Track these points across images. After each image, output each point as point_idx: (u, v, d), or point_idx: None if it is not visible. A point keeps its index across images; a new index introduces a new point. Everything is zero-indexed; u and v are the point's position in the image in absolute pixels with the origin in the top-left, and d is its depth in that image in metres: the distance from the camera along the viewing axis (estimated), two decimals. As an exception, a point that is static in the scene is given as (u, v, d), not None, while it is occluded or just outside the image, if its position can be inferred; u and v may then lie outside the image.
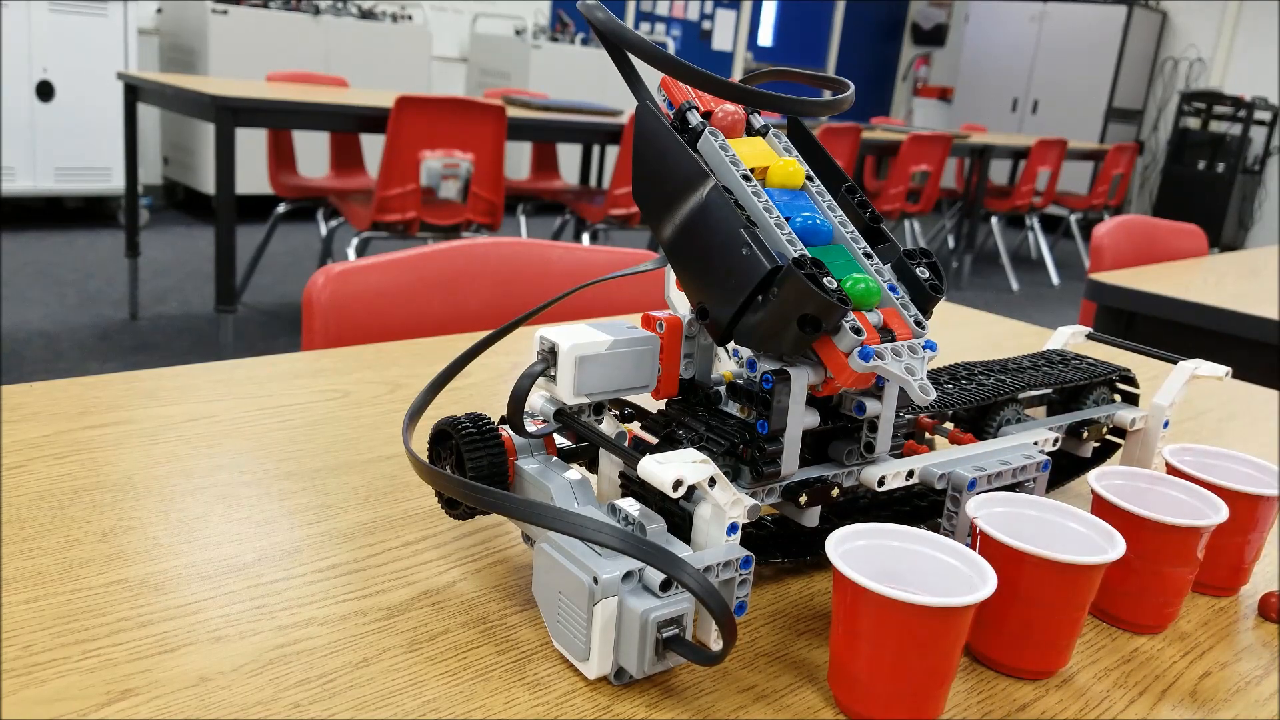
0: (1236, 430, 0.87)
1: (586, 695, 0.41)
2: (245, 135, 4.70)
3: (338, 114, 2.77)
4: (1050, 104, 7.93)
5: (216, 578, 0.47)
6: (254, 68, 4.71)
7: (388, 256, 0.98)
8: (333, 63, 4.98)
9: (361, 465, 0.61)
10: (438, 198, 2.85)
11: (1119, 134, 7.80)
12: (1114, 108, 7.67)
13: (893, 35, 9.44)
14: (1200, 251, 2.04)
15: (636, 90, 0.48)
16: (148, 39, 4.97)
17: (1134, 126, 8.00)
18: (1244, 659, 0.50)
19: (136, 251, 3.15)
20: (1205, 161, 7.38)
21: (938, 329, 1.12)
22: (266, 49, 4.75)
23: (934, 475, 0.51)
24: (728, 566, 0.44)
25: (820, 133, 4.21)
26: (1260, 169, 7.44)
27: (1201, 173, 7.40)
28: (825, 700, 0.43)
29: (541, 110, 3.39)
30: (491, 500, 0.41)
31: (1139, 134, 8.06)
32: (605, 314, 1.13)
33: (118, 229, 4.43)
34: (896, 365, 0.44)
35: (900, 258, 0.50)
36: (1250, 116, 7.18)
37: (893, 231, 6.16)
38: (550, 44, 5.79)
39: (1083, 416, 0.61)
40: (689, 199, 0.47)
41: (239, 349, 3.02)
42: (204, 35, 4.58)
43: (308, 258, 4.32)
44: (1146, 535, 0.49)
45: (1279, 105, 7.32)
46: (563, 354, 0.47)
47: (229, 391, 0.71)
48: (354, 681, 0.41)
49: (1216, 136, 7.32)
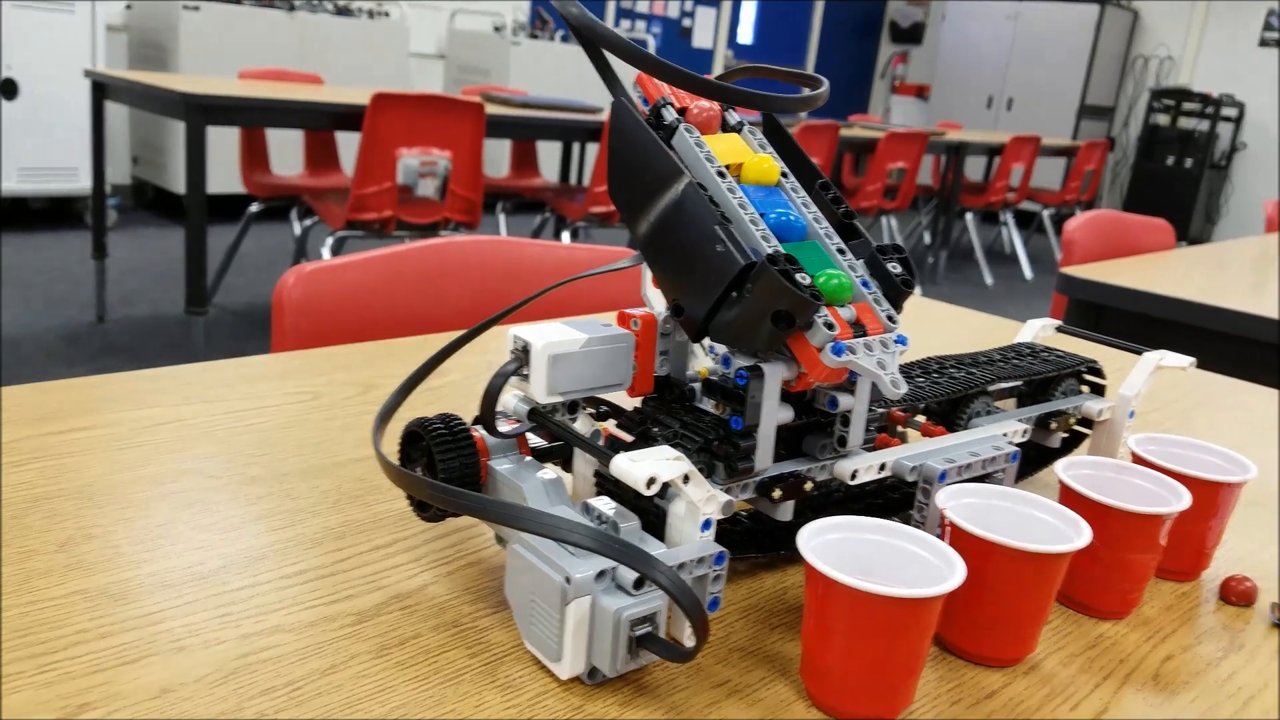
0: (1201, 419, 0.88)
1: (559, 696, 0.41)
2: (217, 133, 4.66)
3: (312, 111, 2.75)
4: (1024, 101, 7.99)
5: (180, 586, 0.46)
6: (226, 65, 4.66)
7: (361, 255, 0.98)
8: (307, 60, 4.94)
9: (331, 468, 0.60)
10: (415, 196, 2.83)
11: (1091, 130, 7.87)
12: (1086, 105, 7.74)
13: (871, 33, 9.49)
14: (1168, 245, 2.06)
15: (612, 86, 0.48)
16: (116, 36, 4.91)
17: (1105, 123, 8.08)
18: (1205, 642, 0.51)
19: (104, 253, 3.11)
20: (1174, 157, 7.47)
21: (913, 324, 1.12)
22: (239, 46, 4.70)
23: (905, 468, 0.51)
24: (701, 563, 0.44)
25: (799, 130, 4.23)
26: (1227, 164, 7.54)
27: (1170, 168, 7.48)
28: (798, 694, 0.43)
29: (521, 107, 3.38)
30: (462, 502, 0.41)
31: (1110, 130, 8.14)
32: (584, 312, 1.13)
33: (84, 230, 4.38)
34: (868, 360, 0.45)
35: (873, 253, 0.50)
36: (1217, 113, 7.27)
37: (870, 228, 6.19)
38: (530, 41, 5.77)
39: (1051, 408, 0.62)
40: (664, 195, 0.46)
41: (210, 351, 2.99)
42: (174, 32, 4.53)
43: (281, 258, 4.29)
44: (1111, 523, 0.50)
45: (1244, 102, 7.41)
46: (536, 353, 0.47)
47: (196, 395, 0.70)
48: (321, 689, 0.40)
49: (1185, 133, 7.41)
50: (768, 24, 8.50)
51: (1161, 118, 7.55)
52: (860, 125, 5.22)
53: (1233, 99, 7.34)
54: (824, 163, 4.37)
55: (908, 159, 4.74)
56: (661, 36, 7.73)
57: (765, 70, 0.52)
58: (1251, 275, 1.65)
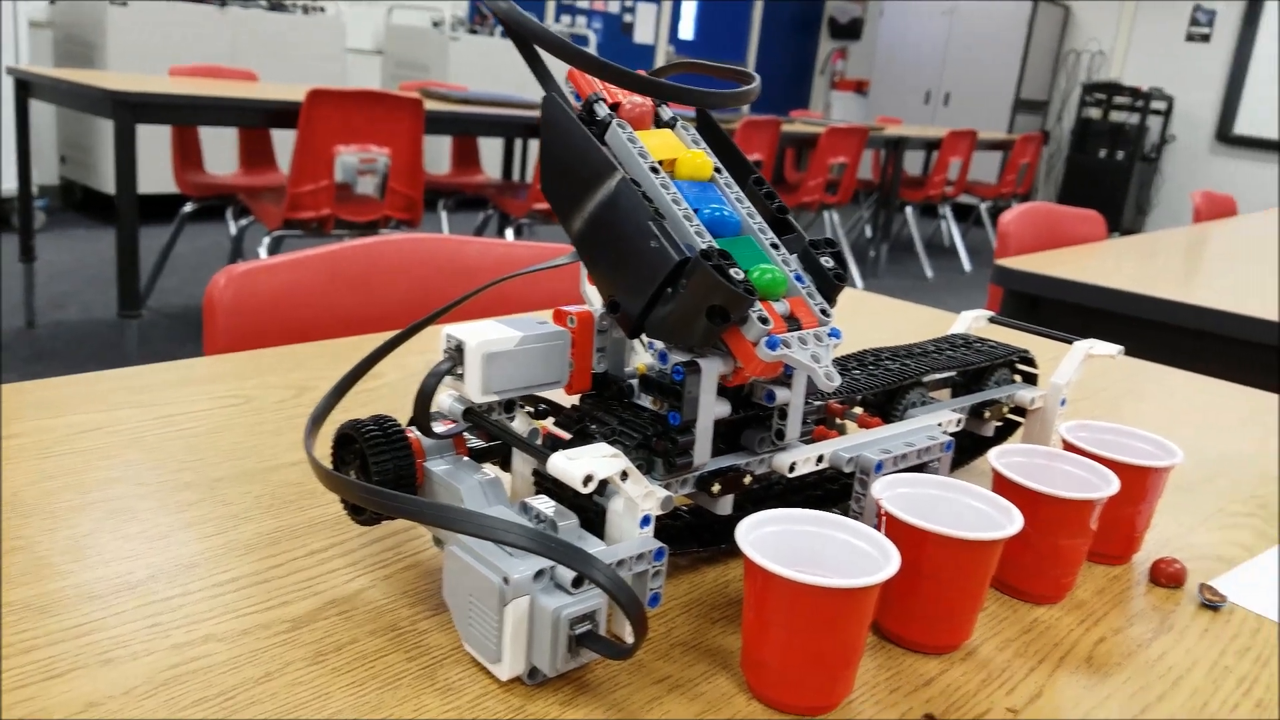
0: (1130, 405, 0.90)
1: (499, 697, 0.41)
2: (148, 132, 4.54)
3: (245, 109, 2.69)
4: (961, 96, 8.13)
5: (107, 597, 0.45)
6: (156, 62, 4.55)
7: (295, 255, 0.96)
8: (240, 56, 4.84)
9: (264, 473, 0.59)
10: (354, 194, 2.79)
11: (1026, 124, 8.04)
12: (1021, 99, 7.90)
13: (811, 29, 9.58)
14: (1099, 236, 2.11)
15: (544, 82, 0.48)
16: (40, 32, 4.76)
17: (1040, 117, 8.26)
18: (1136, 623, 0.52)
19: (32, 256, 3.02)
20: (1106, 150, 7.66)
21: (853, 317, 1.13)
22: (169, 42, 4.59)
23: (843, 459, 0.51)
24: (641, 559, 0.44)
25: (741, 125, 4.25)
26: (1157, 156, 7.75)
27: (1103, 161, 7.68)
28: (739, 687, 0.43)
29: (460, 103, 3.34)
30: (395, 504, 0.40)
31: (1044, 124, 8.33)
32: (524, 310, 1.12)
33: (11, 233, 4.24)
34: (803, 353, 0.45)
35: (806, 248, 0.50)
36: (1147, 106, 7.47)
37: (813, 222, 6.26)
38: (469, 36, 5.72)
39: (984, 397, 0.63)
40: (597, 192, 0.46)
41: (144, 355, 2.92)
42: (101, 28, 4.40)
43: (217, 259, 4.20)
44: (1043, 509, 0.51)
45: (1173, 96, 7.63)
46: (469, 351, 0.46)
47: (124, 400, 0.68)
48: (255, 698, 0.39)
49: (1116, 126, 7.60)
50: (708, 20, 8.53)
51: (1093, 111, 7.74)
52: (801, 121, 5.27)
53: (1162, 92, 7.55)
54: (766, 158, 4.40)
55: (848, 154, 4.79)
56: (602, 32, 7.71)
57: (698, 66, 0.52)
58: (1180, 265, 1.70)
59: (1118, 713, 0.44)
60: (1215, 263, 1.76)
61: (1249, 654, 0.50)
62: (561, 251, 1.18)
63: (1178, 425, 0.86)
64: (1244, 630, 0.52)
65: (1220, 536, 0.64)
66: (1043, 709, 0.44)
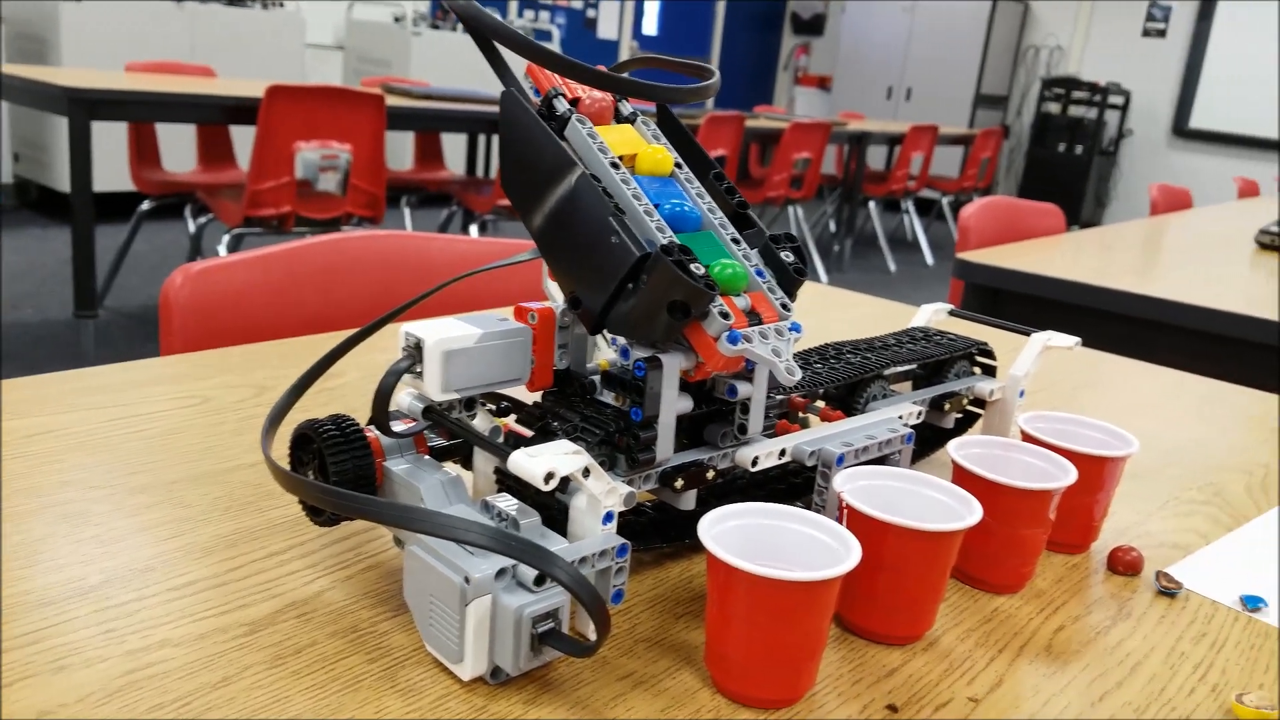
0: (1087, 396, 0.91)
1: (462, 698, 0.40)
2: (104, 129, 4.45)
3: (203, 105, 2.65)
4: (923, 91, 8.20)
5: (60, 603, 0.44)
6: (111, 58, 4.46)
7: (253, 253, 0.94)
8: (198, 52, 4.76)
9: (222, 474, 0.58)
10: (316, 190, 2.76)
11: (986, 119, 8.13)
12: (981, 94, 7.98)
13: (773, 25, 9.60)
14: (1059, 229, 2.14)
15: (503, 77, 0.47)
16: (-9, 28, 4.66)
17: (1000, 112, 8.35)
18: (1095, 611, 0.53)
19: (-14, 255, 2.95)
20: (1065, 144, 7.77)
21: (817, 311, 1.14)
22: (125, 38, 4.51)
23: (805, 452, 0.51)
24: (604, 556, 0.43)
25: (705, 121, 4.25)
26: (1115, 150, 7.87)
27: (1062, 154, 7.78)
28: (703, 681, 0.43)
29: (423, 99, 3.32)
30: (354, 505, 0.40)
31: (1005, 119, 8.42)
32: (487, 307, 1.12)
33: (-35, 232, 4.15)
34: (763, 348, 0.45)
35: (766, 243, 0.50)
36: (1105, 101, 7.58)
37: (777, 217, 6.28)
38: (431, 31, 5.68)
39: (944, 390, 0.63)
40: (557, 188, 0.46)
41: (102, 356, 2.87)
42: (55, 23, 4.31)
43: (176, 257, 4.13)
44: (1002, 500, 0.51)
45: (1130, 90, 7.75)
46: (428, 349, 0.46)
47: (78, 402, 0.67)
48: (212, 703, 0.39)
49: (1075, 120, 7.71)
50: (672, 16, 8.53)
51: (1053, 106, 7.84)
52: (765, 116, 5.28)
53: (1119, 87, 7.66)
54: (730, 153, 4.41)
55: (812, 149, 4.82)
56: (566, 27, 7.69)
57: (657, 61, 0.52)
58: (1137, 257, 1.72)
59: (1077, 700, 0.44)
60: (1171, 255, 1.79)
61: (1204, 640, 0.51)
62: (524, 248, 1.17)
63: (1133, 415, 0.87)
64: (1199, 616, 0.53)
65: (1176, 524, 0.65)
66: (1003, 697, 0.44)
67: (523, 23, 7.21)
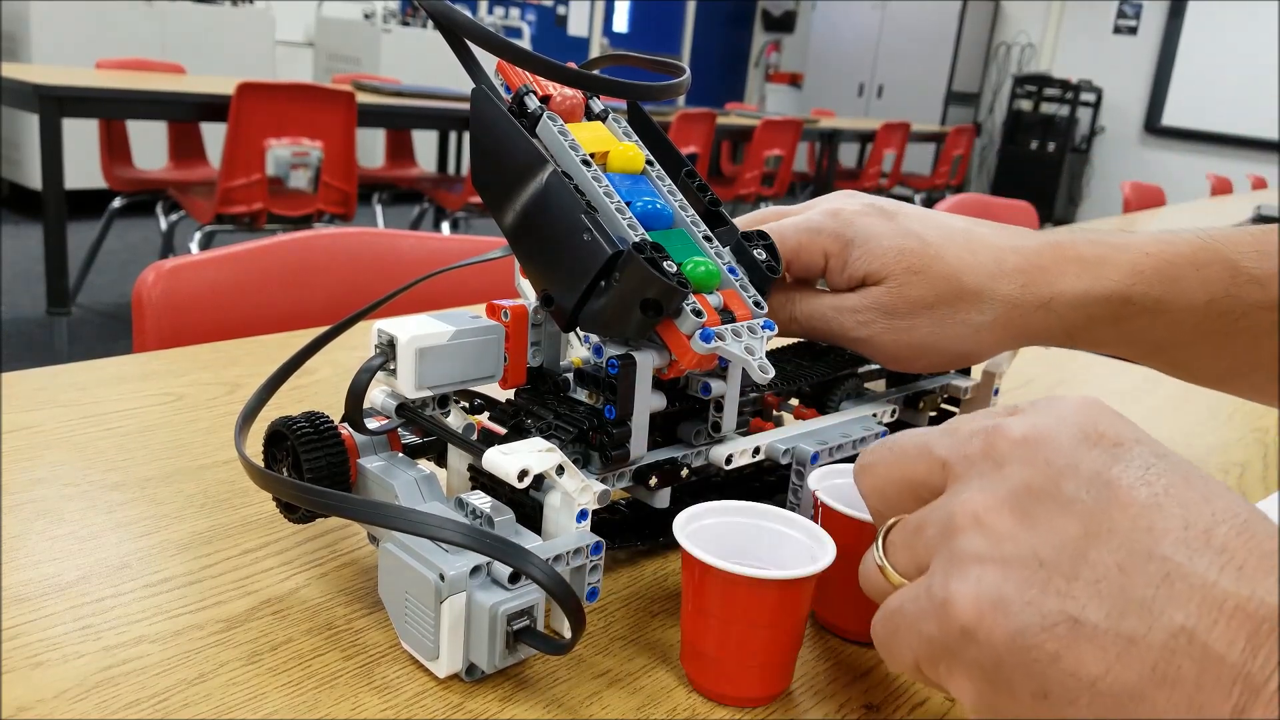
0: (1063, 393, 0.92)
1: (437, 695, 0.41)
2: (75, 126, 4.37)
3: (175, 102, 2.63)
4: (894, 89, 8.25)
5: (35, 600, 0.44)
6: (82, 55, 4.40)
7: (225, 250, 0.94)
8: (169, 49, 4.70)
9: (196, 471, 0.58)
10: (287, 188, 2.74)
11: (958, 116, 8.19)
12: (953, 91, 8.04)
13: (744, 22, 9.63)
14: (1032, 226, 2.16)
15: (474, 75, 0.47)
16: (-44, 23, 4.58)
17: (972, 109, 8.42)
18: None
19: (-48, 253, 2.91)
20: (1037, 141, 7.84)
21: (790, 308, 1.15)
22: (95, 35, 4.45)
23: (779, 451, 0.52)
24: (578, 554, 0.44)
25: (676, 118, 4.26)
26: (1087, 147, 7.96)
27: (1034, 152, 7.85)
28: (679, 680, 0.43)
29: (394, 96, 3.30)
30: (329, 502, 0.40)
31: (976, 116, 8.49)
32: (458, 304, 1.12)
33: (-70, 229, 4.08)
34: (736, 346, 0.45)
35: (739, 240, 0.51)
36: (1077, 98, 7.66)
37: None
38: (401, 28, 5.65)
39: (919, 387, 0.64)
40: (528, 185, 0.46)
41: (75, 353, 2.83)
42: (25, 20, 4.25)
43: (148, 254, 4.09)
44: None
45: (1102, 87, 7.83)
46: (401, 346, 0.46)
47: (50, 399, 0.66)
48: (189, 699, 0.39)
49: (1047, 117, 7.78)
50: (642, 13, 8.53)
51: (1024, 103, 7.91)
52: (737, 113, 5.30)
53: (1091, 84, 7.74)
54: (702, 151, 4.42)
55: (784, 146, 4.83)
56: (536, 24, 7.67)
57: (628, 58, 0.52)
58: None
59: (1043, 689, 0.45)
60: (1139, 251, 1.81)
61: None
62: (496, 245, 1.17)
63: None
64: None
65: (1141, 516, 0.66)
66: (972, 687, 0.45)
67: (493, 20, 7.18)
